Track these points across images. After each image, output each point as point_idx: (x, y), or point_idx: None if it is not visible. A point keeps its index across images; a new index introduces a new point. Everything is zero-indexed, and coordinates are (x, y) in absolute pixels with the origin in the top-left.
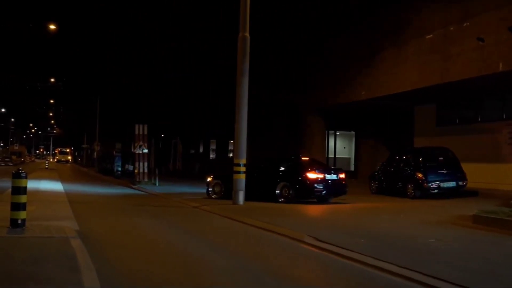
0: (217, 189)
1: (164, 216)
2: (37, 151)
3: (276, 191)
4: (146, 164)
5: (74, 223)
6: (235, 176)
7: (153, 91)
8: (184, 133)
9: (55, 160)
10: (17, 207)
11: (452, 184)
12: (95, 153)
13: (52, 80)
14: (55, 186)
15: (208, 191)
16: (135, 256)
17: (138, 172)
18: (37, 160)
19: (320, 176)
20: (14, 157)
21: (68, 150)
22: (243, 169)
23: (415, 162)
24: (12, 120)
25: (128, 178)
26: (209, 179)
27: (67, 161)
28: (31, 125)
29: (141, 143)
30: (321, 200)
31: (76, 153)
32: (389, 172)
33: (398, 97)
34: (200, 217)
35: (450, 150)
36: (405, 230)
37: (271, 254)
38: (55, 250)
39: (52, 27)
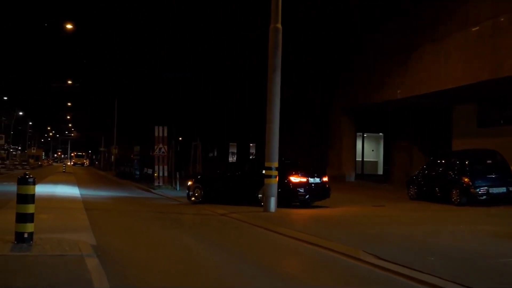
0: (197, 193)
1: (190, 226)
2: (55, 155)
3: (258, 195)
4: (165, 167)
5: (90, 236)
6: (267, 180)
7: (172, 92)
8: (203, 136)
9: (72, 163)
10: (23, 218)
11: (502, 189)
12: (112, 157)
13: (70, 82)
14: (72, 190)
15: (188, 194)
16: (164, 280)
17: (158, 176)
18: (54, 164)
19: (303, 179)
20: (31, 160)
21: (83, 154)
22: (275, 173)
23: (460, 165)
24: (30, 123)
25: (147, 182)
26: (189, 183)
27: (83, 164)
28: (49, 128)
29: (160, 145)
30: (304, 204)
31: (94, 157)
32: (430, 176)
33: (437, 96)
34: (232, 227)
35: (499, 152)
36: (475, 245)
37: (330, 278)
38: (68, 274)
39: (69, 26)
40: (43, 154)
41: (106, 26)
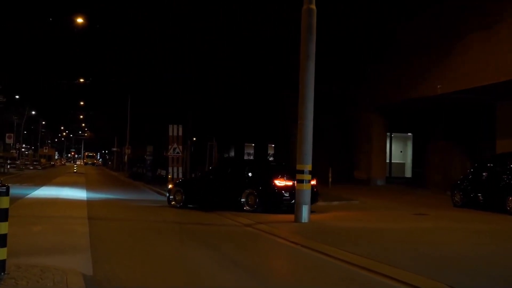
0: (178, 197)
1: (213, 242)
2: (69, 155)
3: (242, 199)
4: (180, 169)
5: (87, 261)
6: (298, 186)
7: (187, 91)
8: (218, 136)
9: (83, 163)
10: None
11: None
12: (125, 157)
13: (82, 80)
14: (79, 194)
15: (169, 198)
16: None
17: (172, 178)
18: (67, 164)
19: (289, 183)
20: (43, 160)
21: (93, 154)
22: (307, 177)
23: None
24: (43, 122)
25: (160, 184)
26: (170, 186)
27: (93, 163)
28: (62, 128)
29: (175, 145)
30: (291, 209)
31: (107, 157)
32: (479, 181)
33: (484, 91)
34: (264, 244)
35: None
36: None
37: None
38: None
39: (80, 20)
40: (56, 154)
41: (120, 23)
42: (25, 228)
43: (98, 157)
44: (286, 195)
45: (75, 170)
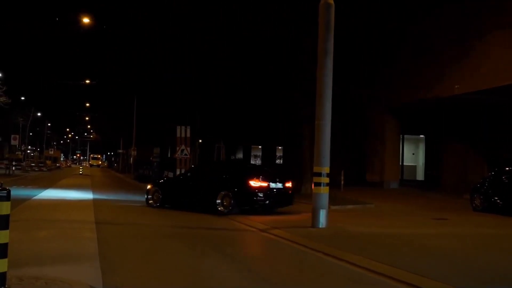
0: (155, 197)
1: (231, 250)
2: (74, 156)
3: (217, 201)
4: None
5: (95, 270)
6: (316, 189)
7: (194, 92)
8: (226, 138)
9: (88, 164)
10: None
11: None
12: (131, 159)
13: (87, 81)
14: (84, 196)
15: (147, 198)
16: None
17: None
18: (73, 166)
19: (264, 184)
20: (48, 162)
21: (99, 156)
22: (325, 180)
23: None
24: (49, 124)
25: None
26: (149, 187)
27: (99, 165)
28: (67, 130)
29: (183, 147)
30: (265, 210)
31: (112, 159)
32: (501, 185)
33: (504, 91)
34: (288, 253)
35: None
36: None
37: None
38: None
39: (86, 20)
40: (62, 155)
41: (124, 24)
42: (29, 234)
43: (104, 159)
44: (260, 195)
45: (80, 172)
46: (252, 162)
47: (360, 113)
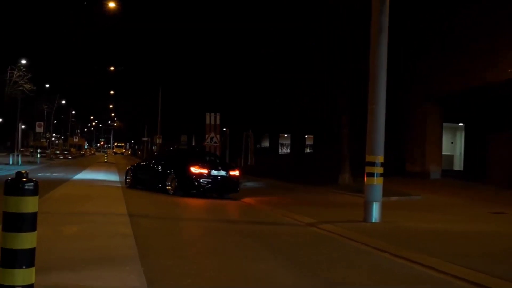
0: (128, 179)
1: (287, 249)
2: (98, 144)
3: (167, 183)
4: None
5: (137, 277)
6: (368, 180)
7: (222, 78)
8: (254, 126)
9: (113, 152)
10: (12, 259)
11: None
12: (155, 147)
13: (112, 68)
14: (112, 185)
15: (125, 179)
16: None
17: None
18: (97, 153)
19: (204, 171)
20: (73, 149)
21: (122, 144)
22: (379, 170)
23: None
24: (73, 112)
25: None
26: (127, 168)
27: (122, 153)
28: (91, 117)
29: (212, 134)
30: (205, 193)
31: (136, 147)
32: None
33: None
34: (343, 251)
35: None
36: None
37: None
38: None
39: (112, 5)
40: (86, 143)
41: (153, 9)
42: (56, 230)
43: (127, 147)
44: (200, 180)
45: (105, 160)
46: (280, 151)
47: (400, 100)
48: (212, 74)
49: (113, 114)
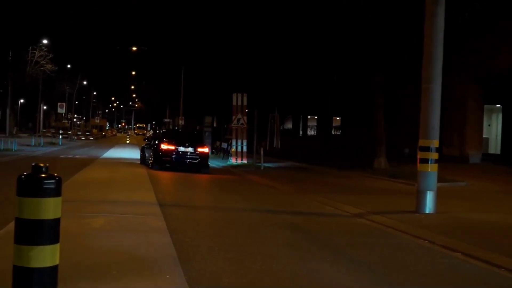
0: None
1: (338, 245)
2: (119, 125)
3: (149, 158)
4: (245, 141)
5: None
6: (422, 167)
7: (247, 57)
8: (280, 108)
9: (134, 133)
10: (27, 283)
11: None
12: (178, 128)
13: (134, 48)
14: (137, 169)
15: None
16: None
17: (236, 151)
18: (118, 134)
19: (171, 147)
20: (94, 130)
21: (144, 125)
22: (434, 156)
23: None
24: (94, 93)
25: (222, 158)
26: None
27: (144, 134)
28: (113, 98)
29: (239, 116)
30: (173, 166)
31: (157, 129)
32: None
33: None
34: (405, 249)
35: None
36: None
37: None
38: None
39: None
40: (107, 124)
41: None
42: (81, 223)
43: (149, 129)
44: (167, 156)
45: (127, 142)
46: (309, 133)
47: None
48: (237, 54)
49: (134, 95)
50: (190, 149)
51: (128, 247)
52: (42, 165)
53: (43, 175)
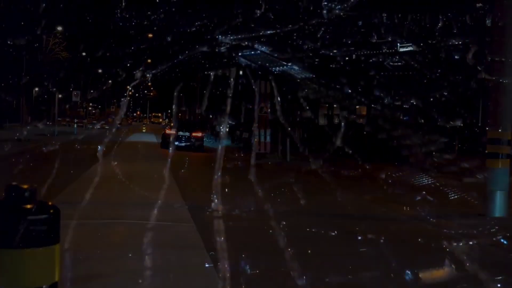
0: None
1: (395, 253)
2: (134, 114)
3: (162, 142)
4: (269, 131)
5: None
6: (491, 162)
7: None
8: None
9: (150, 122)
10: None
11: None
12: (197, 117)
13: (150, 35)
14: (159, 161)
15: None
16: None
17: (259, 142)
18: (133, 123)
19: (172, 132)
20: (110, 119)
21: (159, 114)
22: (506, 150)
23: None
24: (110, 81)
25: (242, 149)
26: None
27: (159, 123)
28: (128, 87)
29: (263, 104)
30: (178, 149)
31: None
32: None
33: None
34: (494, 266)
35: None
36: None
37: None
38: None
39: None
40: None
41: None
42: (96, 235)
43: (164, 117)
44: (169, 139)
45: (144, 131)
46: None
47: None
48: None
49: (149, 84)
50: (187, 134)
51: (160, 270)
52: (25, 186)
53: (26, 206)
